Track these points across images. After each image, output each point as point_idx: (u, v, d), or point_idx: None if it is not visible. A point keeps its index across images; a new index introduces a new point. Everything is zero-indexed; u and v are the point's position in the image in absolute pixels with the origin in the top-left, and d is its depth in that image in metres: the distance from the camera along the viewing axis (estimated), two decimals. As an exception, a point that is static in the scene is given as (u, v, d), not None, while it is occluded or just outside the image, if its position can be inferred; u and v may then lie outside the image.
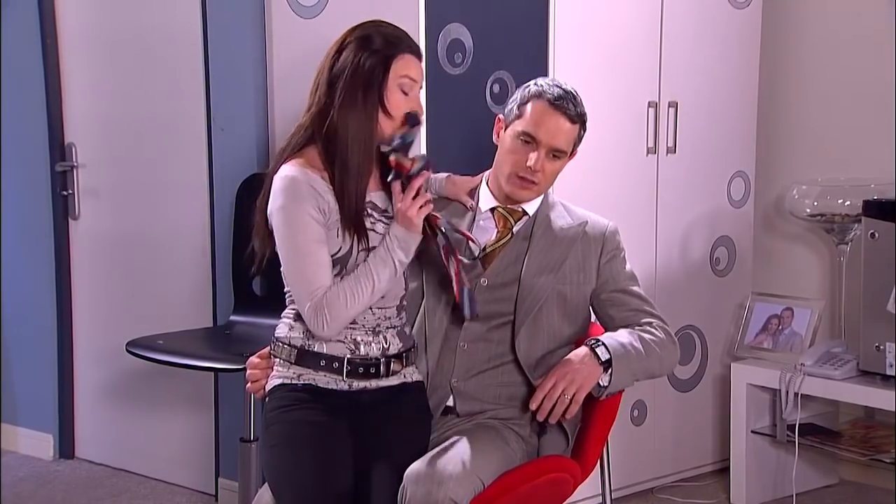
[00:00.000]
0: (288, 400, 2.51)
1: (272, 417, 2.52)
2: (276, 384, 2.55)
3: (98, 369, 4.29)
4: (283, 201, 2.45)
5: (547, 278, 2.68)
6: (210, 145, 3.84)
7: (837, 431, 3.79)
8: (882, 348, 3.47)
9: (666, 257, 3.85)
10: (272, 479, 2.48)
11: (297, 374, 2.52)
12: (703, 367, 4.02)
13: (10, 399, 4.45)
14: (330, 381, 2.52)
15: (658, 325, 2.71)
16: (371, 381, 2.54)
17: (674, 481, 3.99)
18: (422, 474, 2.35)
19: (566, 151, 2.69)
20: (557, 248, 2.71)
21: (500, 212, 2.75)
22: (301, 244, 2.44)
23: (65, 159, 4.29)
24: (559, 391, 2.56)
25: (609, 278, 2.73)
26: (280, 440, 2.48)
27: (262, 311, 3.51)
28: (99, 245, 4.26)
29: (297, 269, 2.46)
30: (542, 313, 2.68)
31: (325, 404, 2.50)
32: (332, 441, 2.46)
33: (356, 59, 2.47)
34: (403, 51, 2.51)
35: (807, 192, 3.80)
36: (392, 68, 2.48)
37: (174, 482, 4.09)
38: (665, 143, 3.79)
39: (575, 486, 2.66)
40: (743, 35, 3.98)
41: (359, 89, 2.46)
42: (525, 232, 2.73)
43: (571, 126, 2.68)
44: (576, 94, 2.71)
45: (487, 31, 3.33)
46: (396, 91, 2.49)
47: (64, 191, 4.28)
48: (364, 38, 2.50)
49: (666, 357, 2.70)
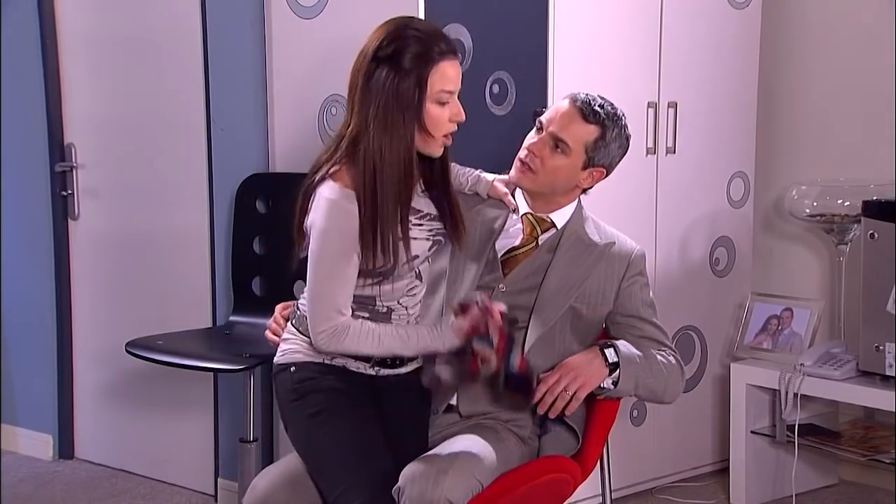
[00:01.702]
0: (318, 372, 2.50)
1: (305, 387, 2.49)
2: (302, 360, 2.52)
3: (98, 370, 4.29)
4: (327, 225, 2.40)
5: (566, 294, 2.67)
6: (210, 146, 3.84)
7: (837, 432, 3.79)
8: (881, 349, 3.47)
9: (665, 257, 3.85)
10: (316, 448, 2.46)
11: (329, 356, 2.50)
12: (703, 367, 4.02)
13: (9, 399, 4.45)
14: (360, 367, 2.52)
15: (670, 354, 2.71)
16: (395, 369, 2.56)
17: (673, 481, 3.99)
18: (419, 474, 2.35)
19: (568, 144, 2.66)
20: (581, 266, 2.69)
21: (528, 218, 2.75)
22: (334, 270, 2.42)
23: (64, 160, 4.28)
24: (562, 387, 2.57)
25: (627, 302, 2.71)
26: (322, 407, 2.46)
27: (261, 311, 3.49)
28: (98, 245, 4.26)
29: (322, 292, 2.43)
30: (556, 328, 2.67)
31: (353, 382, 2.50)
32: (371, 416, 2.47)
33: (388, 81, 2.36)
34: (438, 60, 2.38)
35: (806, 192, 3.80)
36: (428, 84, 2.38)
37: (174, 482, 4.09)
38: (664, 143, 3.79)
39: (575, 487, 2.66)
40: (742, 35, 3.98)
41: (393, 113, 2.37)
42: (551, 244, 2.72)
43: (581, 120, 2.66)
44: (604, 102, 2.69)
45: (487, 32, 3.33)
46: (435, 106, 2.40)
47: (63, 191, 4.28)
48: (396, 55, 2.37)
49: (671, 384, 2.71)
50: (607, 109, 2.69)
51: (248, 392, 3.31)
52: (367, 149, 2.38)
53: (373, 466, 2.40)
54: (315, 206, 2.44)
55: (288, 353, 2.55)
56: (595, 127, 2.67)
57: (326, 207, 2.41)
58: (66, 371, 4.36)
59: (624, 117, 2.73)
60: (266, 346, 2.70)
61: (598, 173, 2.73)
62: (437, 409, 2.67)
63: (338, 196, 2.40)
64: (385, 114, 2.37)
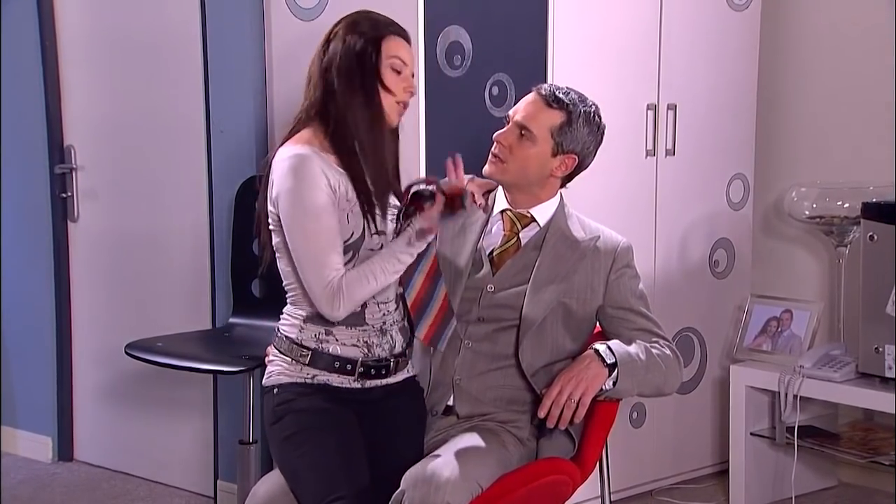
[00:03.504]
0: (297, 393, 2.50)
1: (282, 409, 2.50)
2: (284, 381, 2.53)
3: (97, 371, 4.29)
4: (293, 182, 2.41)
5: (554, 290, 2.67)
6: (209, 147, 3.84)
7: (836, 434, 3.79)
8: (881, 350, 3.47)
9: (665, 259, 3.85)
10: (291, 470, 2.46)
11: (310, 374, 2.51)
12: (703, 369, 4.02)
13: (9, 401, 4.45)
14: (343, 381, 2.52)
15: (665, 344, 2.71)
16: (381, 379, 2.55)
17: (673, 483, 3.99)
18: (419, 478, 2.35)
19: (532, 131, 2.67)
20: (567, 261, 2.70)
21: (508, 214, 2.75)
22: (313, 227, 2.41)
23: (64, 161, 4.28)
24: (565, 396, 2.56)
25: (617, 295, 2.71)
26: (297, 429, 2.46)
27: (261, 313, 3.51)
28: (98, 247, 4.26)
29: (310, 253, 2.42)
30: (547, 324, 2.67)
31: (337, 398, 2.50)
32: (349, 432, 2.47)
33: (346, 43, 2.49)
34: (390, 32, 2.53)
35: (806, 194, 3.80)
36: (382, 49, 2.50)
37: (173, 484, 4.09)
38: (664, 145, 3.79)
39: (574, 489, 2.66)
40: (742, 37, 3.98)
41: (355, 71, 2.48)
42: (536, 242, 2.72)
43: (544, 106, 2.68)
44: (571, 91, 2.71)
45: (487, 34, 3.33)
46: (389, 71, 2.51)
47: (63, 193, 4.28)
48: (351, 23, 2.53)
49: (670, 375, 2.70)
50: (572, 96, 2.70)
51: (247, 394, 3.31)
52: (336, 109, 2.47)
53: (348, 486, 2.38)
54: (275, 176, 2.46)
55: (273, 374, 2.56)
56: (559, 112, 2.68)
57: (286, 167, 2.43)
58: (66, 373, 4.36)
59: (594, 105, 2.74)
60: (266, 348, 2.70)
61: (571, 160, 2.72)
62: (435, 410, 2.68)
63: (293, 151, 2.44)
64: (348, 71, 2.48)
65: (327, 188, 2.42)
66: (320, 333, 2.51)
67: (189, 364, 3.31)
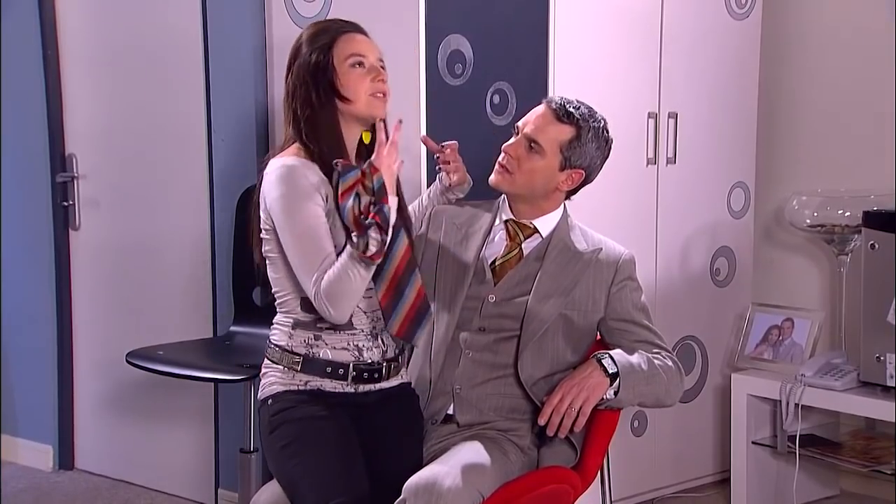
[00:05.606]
0: (292, 402, 2.50)
1: (277, 420, 2.50)
2: (279, 391, 2.53)
3: (98, 380, 4.28)
4: (283, 189, 2.43)
5: (555, 302, 2.67)
6: (210, 156, 3.84)
7: (838, 442, 3.79)
8: (882, 359, 3.46)
9: (666, 268, 3.85)
10: (288, 479, 2.46)
11: (303, 381, 2.52)
12: (704, 377, 4.01)
13: (9, 410, 4.45)
14: (337, 386, 2.52)
15: (667, 355, 2.71)
16: (374, 384, 2.55)
17: (674, 492, 3.98)
18: (421, 487, 2.34)
19: (541, 145, 2.67)
20: (569, 273, 2.69)
21: (511, 225, 2.75)
22: (304, 230, 2.42)
23: (65, 170, 4.29)
24: (566, 404, 2.56)
25: (618, 307, 2.71)
26: (292, 438, 2.46)
27: (262, 321, 3.48)
28: (99, 256, 4.26)
29: (302, 256, 2.43)
30: (548, 336, 2.67)
31: (332, 404, 2.50)
32: (346, 439, 2.46)
33: (302, 58, 2.51)
34: (341, 33, 2.53)
35: (807, 202, 3.80)
36: (334, 53, 2.50)
37: (174, 493, 4.09)
38: (665, 153, 3.79)
39: (575, 498, 2.65)
40: (742, 46, 3.99)
41: (311, 86, 2.50)
42: (538, 253, 2.72)
43: (554, 120, 2.67)
44: (580, 104, 2.70)
45: (488, 42, 3.33)
46: (349, 72, 2.50)
47: (64, 201, 4.28)
48: (309, 37, 2.54)
49: (672, 387, 2.69)
50: (582, 111, 2.69)
51: (248, 402, 3.31)
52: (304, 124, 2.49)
53: (346, 494, 2.37)
54: (265, 185, 2.48)
55: (266, 386, 2.56)
56: (569, 127, 2.67)
57: (275, 176, 2.45)
58: (67, 381, 4.36)
59: (603, 120, 2.73)
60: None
61: (577, 175, 2.72)
62: (435, 419, 2.67)
63: (280, 163, 2.46)
64: (304, 86, 2.50)
65: (319, 195, 2.43)
66: (309, 339, 2.51)
67: (190, 372, 3.32)
